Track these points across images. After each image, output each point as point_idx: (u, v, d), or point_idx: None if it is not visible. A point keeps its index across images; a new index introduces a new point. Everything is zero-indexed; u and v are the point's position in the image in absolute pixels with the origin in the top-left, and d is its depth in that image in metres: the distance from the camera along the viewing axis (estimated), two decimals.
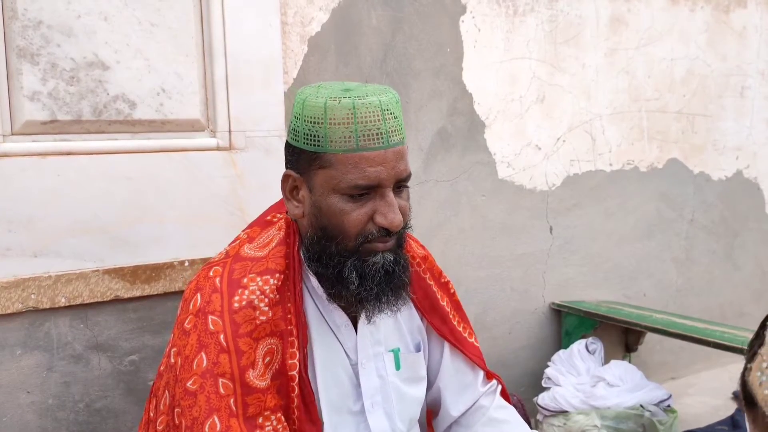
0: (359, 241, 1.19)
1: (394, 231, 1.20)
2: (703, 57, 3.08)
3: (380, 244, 1.20)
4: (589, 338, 2.55)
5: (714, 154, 3.20)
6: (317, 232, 1.22)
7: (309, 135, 1.18)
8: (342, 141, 1.15)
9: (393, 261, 1.22)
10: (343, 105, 1.15)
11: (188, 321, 1.21)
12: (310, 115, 1.17)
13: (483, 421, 1.44)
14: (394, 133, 1.18)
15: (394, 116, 1.19)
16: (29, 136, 1.64)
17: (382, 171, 1.16)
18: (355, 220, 1.18)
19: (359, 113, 1.15)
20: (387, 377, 1.35)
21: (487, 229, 2.54)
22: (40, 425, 1.68)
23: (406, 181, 1.23)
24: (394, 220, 1.18)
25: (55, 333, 1.69)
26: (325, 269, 1.23)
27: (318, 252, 1.23)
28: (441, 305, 1.43)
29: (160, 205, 1.79)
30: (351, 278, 1.20)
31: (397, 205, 1.19)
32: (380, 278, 1.21)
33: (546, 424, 2.35)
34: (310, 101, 1.18)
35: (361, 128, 1.15)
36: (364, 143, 1.15)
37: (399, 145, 1.19)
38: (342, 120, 1.15)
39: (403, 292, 1.27)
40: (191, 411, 1.15)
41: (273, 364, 1.21)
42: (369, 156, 1.16)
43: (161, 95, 1.78)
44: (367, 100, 1.16)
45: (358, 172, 1.16)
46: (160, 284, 1.79)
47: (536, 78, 2.58)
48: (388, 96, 1.19)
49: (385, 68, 2.24)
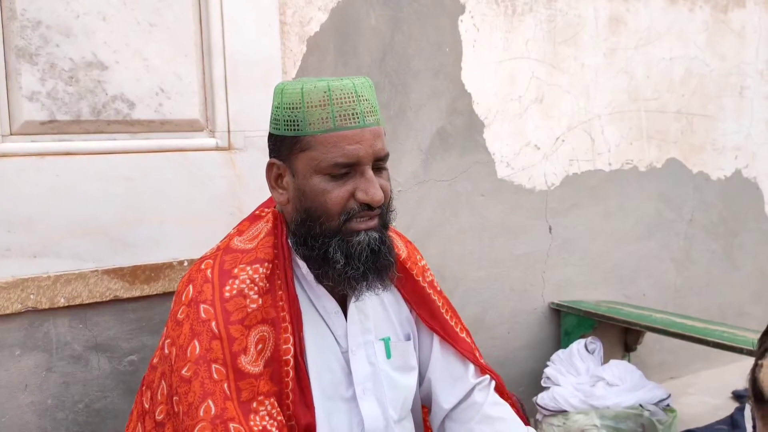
0: (342, 219, 1.23)
1: (375, 206, 1.24)
2: (702, 57, 3.09)
3: (362, 221, 1.24)
4: (589, 338, 2.55)
5: (713, 154, 3.20)
6: (301, 214, 1.26)
7: (288, 121, 1.24)
8: (320, 122, 1.21)
9: (378, 240, 1.26)
10: (318, 88, 1.21)
11: (181, 312, 1.24)
12: (288, 102, 1.24)
13: (478, 418, 1.44)
14: (369, 114, 1.24)
15: (367, 100, 1.25)
16: (28, 136, 1.64)
17: (360, 148, 1.22)
18: (336, 197, 1.23)
19: (334, 95, 1.21)
20: (378, 364, 1.37)
21: (487, 229, 2.54)
22: (39, 425, 1.67)
23: (384, 160, 1.27)
24: (375, 195, 1.22)
25: (55, 333, 1.69)
26: (311, 251, 1.26)
27: (303, 235, 1.26)
28: (432, 299, 1.45)
29: (158, 205, 1.79)
30: (336, 257, 1.23)
31: (376, 181, 1.24)
32: (366, 257, 1.24)
33: (545, 424, 2.35)
34: (288, 89, 1.25)
35: (337, 109, 1.21)
36: (341, 123, 1.21)
37: (375, 125, 1.25)
38: (318, 102, 1.21)
39: (388, 271, 1.30)
40: (187, 397, 1.17)
41: (265, 351, 1.24)
42: (347, 134, 1.21)
43: (160, 95, 1.78)
44: (341, 83, 1.22)
45: (337, 150, 1.21)
46: (159, 284, 1.79)
47: (535, 78, 2.58)
48: (362, 80, 1.25)
49: (384, 68, 2.24)
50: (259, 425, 1.18)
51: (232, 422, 1.15)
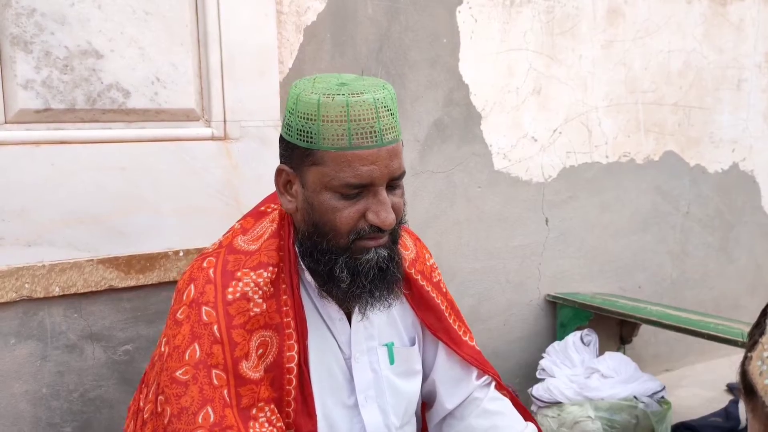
0: (351, 238, 1.18)
1: (386, 229, 1.18)
2: (699, 49, 3.08)
3: (372, 241, 1.19)
4: (584, 330, 2.55)
5: (710, 147, 3.20)
6: (309, 227, 1.21)
7: (302, 131, 1.16)
8: (335, 139, 1.13)
9: (387, 257, 1.21)
10: (336, 102, 1.13)
11: (181, 311, 1.21)
12: (303, 111, 1.16)
13: (477, 413, 1.43)
14: (388, 131, 1.16)
15: (390, 113, 1.17)
16: (23, 124, 1.63)
17: (375, 170, 1.15)
18: (347, 217, 1.17)
19: (353, 111, 1.13)
20: (380, 371, 1.34)
21: (483, 220, 2.54)
22: (33, 414, 1.67)
23: (400, 179, 1.21)
24: (386, 219, 1.17)
25: (49, 322, 1.69)
26: (316, 265, 1.22)
27: (310, 248, 1.22)
28: (436, 303, 1.42)
29: (154, 194, 1.78)
30: (342, 276, 1.19)
31: (389, 204, 1.17)
32: (373, 275, 1.20)
33: (540, 415, 2.36)
34: (304, 97, 1.16)
35: (355, 126, 1.13)
36: (357, 141, 1.13)
37: (393, 143, 1.17)
38: (335, 117, 1.13)
39: (395, 287, 1.26)
40: (179, 400, 1.14)
41: (267, 356, 1.21)
42: (362, 154, 1.14)
43: (156, 84, 1.77)
44: (362, 97, 1.13)
45: (351, 170, 1.14)
46: (155, 274, 1.79)
47: (533, 69, 2.58)
48: (384, 93, 1.16)
49: (381, 58, 2.23)
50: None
51: (230, 430, 1.13)
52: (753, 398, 0.72)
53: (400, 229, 1.27)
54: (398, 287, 1.27)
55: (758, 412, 0.71)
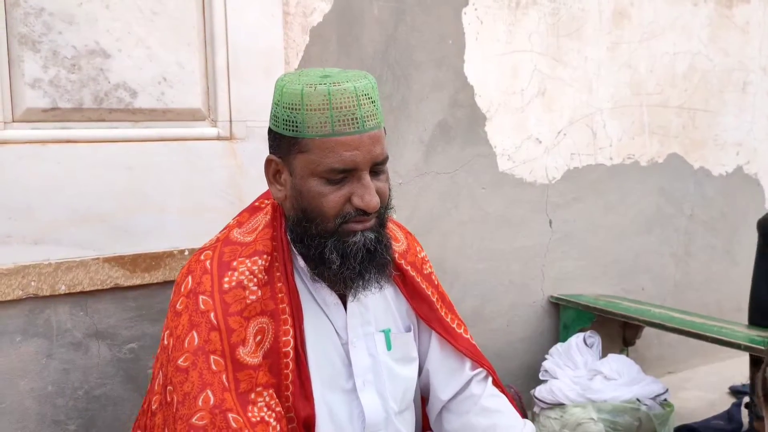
0: (338, 222, 1.23)
1: (371, 212, 1.23)
2: (705, 52, 3.08)
3: (358, 224, 1.24)
4: (587, 332, 2.55)
5: (715, 150, 3.20)
6: (298, 213, 1.26)
7: (288, 121, 1.22)
8: (318, 126, 1.19)
9: (374, 239, 1.26)
10: (318, 91, 1.18)
11: (180, 303, 1.24)
12: (288, 102, 1.21)
13: (475, 410, 1.45)
14: (369, 118, 1.21)
15: (371, 101, 1.22)
16: (30, 123, 1.64)
17: (358, 155, 1.20)
18: (332, 201, 1.22)
19: (334, 99, 1.18)
20: (378, 356, 1.37)
21: (487, 221, 2.55)
22: (39, 412, 1.68)
23: (383, 164, 1.26)
24: (370, 202, 1.21)
25: (55, 320, 1.69)
26: (307, 250, 1.27)
27: (300, 233, 1.27)
28: (426, 294, 1.45)
29: (159, 194, 1.79)
30: (332, 258, 1.24)
31: (373, 188, 1.23)
32: (362, 257, 1.24)
33: (542, 417, 2.36)
34: (288, 88, 1.21)
35: (337, 114, 1.18)
36: (340, 128, 1.19)
37: (375, 130, 1.23)
38: (318, 106, 1.18)
39: (386, 269, 1.30)
40: (182, 387, 1.18)
41: (264, 342, 1.24)
42: (344, 140, 1.19)
43: (162, 84, 1.78)
44: (343, 86, 1.19)
45: (335, 156, 1.19)
46: (160, 273, 1.80)
47: (538, 71, 2.58)
48: (364, 82, 1.22)
49: (386, 59, 2.23)
50: (257, 416, 1.19)
51: (230, 412, 1.16)
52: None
53: (387, 214, 1.31)
54: (388, 269, 1.31)
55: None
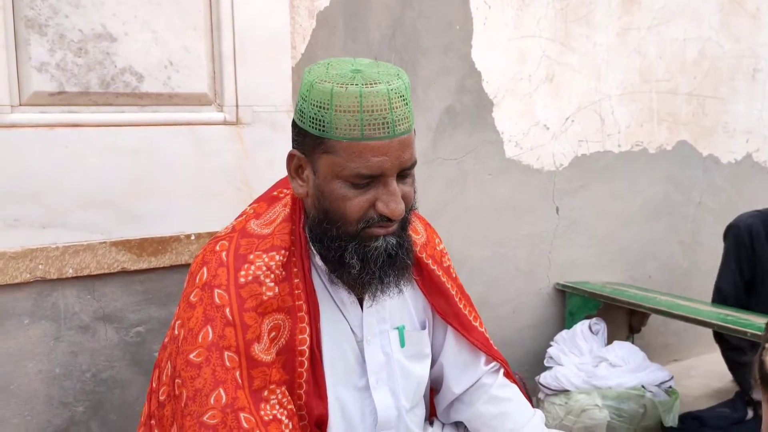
0: (360, 226, 1.19)
1: (395, 219, 1.19)
2: (715, 38, 3.05)
3: (381, 229, 1.20)
4: (593, 319, 2.55)
5: (724, 137, 3.17)
6: (319, 214, 1.22)
7: (315, 119, 1.16)
8: (347, 129, 1.13)
9: (396, 244, 1.21)
10: (349, 92, 1.12)
11: (194, 294, 1.22)
12: (316, 99, 1.15)
13: (485, 399, 1.44)
14: (401, 122, 1.15)
15: (405, 102, 1.16)
16: (37, 107, 1.65)
17: (386, 161, 1.14)
18: (356, 206, 1.17)
19: (366, 102, 1.12)
20: (392, 354, 1.35)
21: (494, 208, 2.54)
22: (47, 394, 1.70)
23: (411, 169, 1.21)
24: (395, 210, 1.17)
25: (63, 303, 1.71)
26: (327, 252, 1.23)
27: (320, 234, 1.23)
28: (446, 288, 1.43)
29: (166, 178, 1.79)
30: (352, 263, 1.20)
31: (399, 194, 1.17)
32: (382, 262, 1.20)
33: (547, 403, 2.37)
34: (318, 85, 1.15)
35: (367, 117, 1.12)
36: (369, 133, 1.13)
37: (405, 134, 1.16)
38: (348, 108, 1.12)
39: (406, 273, 1.26)
40: (194, 382, 1.16)
41: (279, 339, 1.22)
42: (373, 146, 1.13)
43: (169, 68, 1.78)
44: (375, 87, 1.13)
45: (362, 161, 1.14)
46: (167, 257, 1.80)
47: (546, 57, 2.56)
48: (398, 83, 1.15)
49: (393, 45, 2.22)
50: (269, 414, 1.17)
51: (242, 412, 1.14)
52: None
53: (411, 216, 1.27)
54: (408, 273, 1.28)
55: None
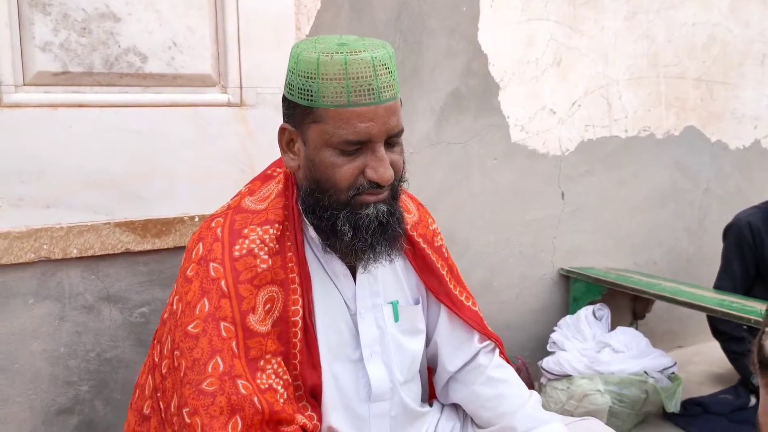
0: (351, 193, 1.22)
1: (384, 185, 1.22)
2: (725, 23, 3.02)
3: (371, 196, 1.22)
4: (597, 305, 2.55)
5: (732, 123, 3.15)
6: (311, 184, 1.25)
7: (303, 89, 1.20)
8: (334, 96, 1.17)
9: (387, 212, 1.24)
10: (335, 60, 1.16)
11: (190, 269, 1.25)
12: (303, 70, 1.19)
13: (482, 380, 1.46)
14: (386, 89, 1.19)
15: (389, 71, 1.19)
16: (41, 87, 1.65)
17: (373, 126, 1.18)
18: (346, 173, 1.20)
19: (351, 69, 1.16)
20: (386, 328, 1.38)
21: (498, 193, 2.53)
22: (51, 373, 1.71)
23: (398, 136, 1.24)
24: (384, 175, 1.20)
25: (67, 283, 1.72)
26: (319, 221, 1.26)
27: (312, 204, 1.26)
28: (436, 268, 1.45)
29: (170, 159, 1.79)
30: (344, 230, 1.23)
31: (387, 160, 1.21)
32: (374, 229, 1.23)
33: (549, 388, 2.37)
34: (304, 56, 1.19)
35: (353, 84, 1.16)
36: (356, 99, 1.17)
37: (391, 101, 1.20)
38: (334, 75, 1.16)
39: (397, 242, 1.29)
40: (192, 352, 1.19)
41: (273, 311, 1.25)
42: (360, 111, 1.17)
43: (173, 49, 1.77)
44: (360, 55, 1.16)
45: (350, 127, 1.17)
46: (170, 238, 1.81)
47: (553, 40, 2.54)
48: (382, 51, 1.19)
49: (399, 26, 2.21)
50: (265, 383, 1.21)
51: (239, 379, 1.17)
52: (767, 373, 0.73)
53: (400, 186, 1.30)
54: (399, 242, 1.31)
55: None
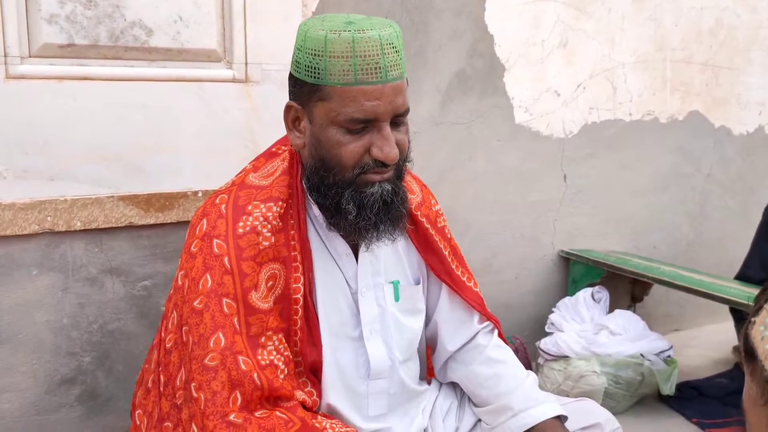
0: (356, 172, 1.22)
1: (390, 164, 1.22)
2: (732, 7, 2.99)
3: (376, 175, 1.23)
4: (596, 287, 2.57)
5: (737, 108, 3.14)
6: (316, 162, 1.25)
7: (310, 67, 1.20)
8: (341, 74, 1.17)
9: (391, 191, 1.25)
10: (342, 38, 1.16)
11: (194, 245, 1.26)
12: (311, 47, 1.19)
13: (480, 359, 1.47)
14: (392, 68, 1.19)
15: (396, 50, 1.19)
16: (46, 59, 1.64)
17: (380, 105, 1.18)
18: (351, 152, 1.21)
19: (358, 47, 1.16)
20: (386, 307, 1.39)
21: (501, 174, 2.54)
22: (54, 343, 1.73)
23: (404, 115, 1.24)
24: (390, 153, 1.20)
25: (71, 255, 1.73)
26: (324, 199, 1.26)
27: (317, 182, 1.26)
28: (438, 248, 1.46)
29: (174, 134, 1.80)
30: (348, 208, 1.23)
31: (393, 139, 1.21)
32: (378, 208, 1.24)
33: (547, 368, 2.39)
34: (312, 33, 1.19)
35: (360, 62, 1.16)
36: (363, 77, 1.17)
37: (398, 80, 1.20)
38: (341, 53, 1.16)
39: (400, 222, 1.30)
40: (198, 328, 1.21)
41: (276, 288, 1.27)
42: (367, 90, 1.17)
43: (178, 23, 1.77)
44: (367, 34, 1.16)
45: (356, 105, 1.17)
46: (174, 213, 1.82)
47: (560, 22, 2.53)
48: (389, 30, 1.19)
49: (405, 5, 2.19)
50: (266, 359, 1.22)
51: (240, 355, 1.19)
52: (753, 362, 0.73)
53: (405, 166, 1.30)
54: (402, 222, 1.32)
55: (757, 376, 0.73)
